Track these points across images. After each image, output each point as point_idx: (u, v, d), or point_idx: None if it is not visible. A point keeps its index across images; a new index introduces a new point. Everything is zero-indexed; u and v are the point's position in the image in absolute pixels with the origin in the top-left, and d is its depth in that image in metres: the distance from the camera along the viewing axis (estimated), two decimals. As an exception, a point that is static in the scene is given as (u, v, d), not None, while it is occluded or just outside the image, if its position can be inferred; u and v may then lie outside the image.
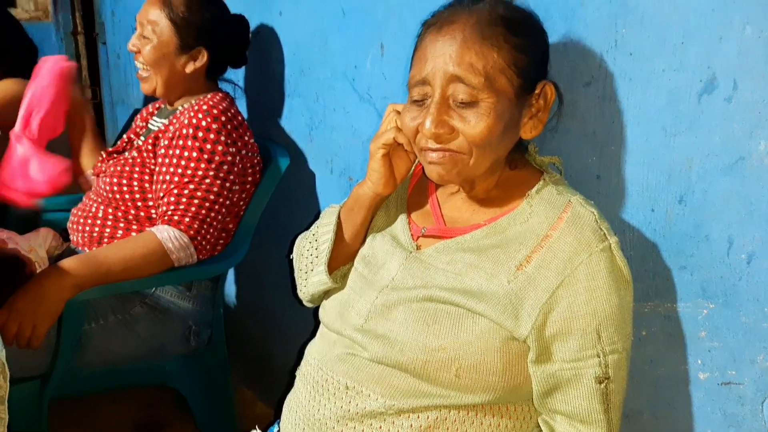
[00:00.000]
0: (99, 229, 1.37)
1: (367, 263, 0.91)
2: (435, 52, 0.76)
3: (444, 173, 0.79)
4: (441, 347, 0.77)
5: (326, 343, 0.90)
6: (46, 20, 3.41)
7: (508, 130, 0.78)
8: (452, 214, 0.88)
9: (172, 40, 1.36)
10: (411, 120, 0.80)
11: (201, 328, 1.44)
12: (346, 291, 0.91)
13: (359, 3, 1.30)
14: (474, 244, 0.81)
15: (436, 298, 0.80)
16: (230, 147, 1.33)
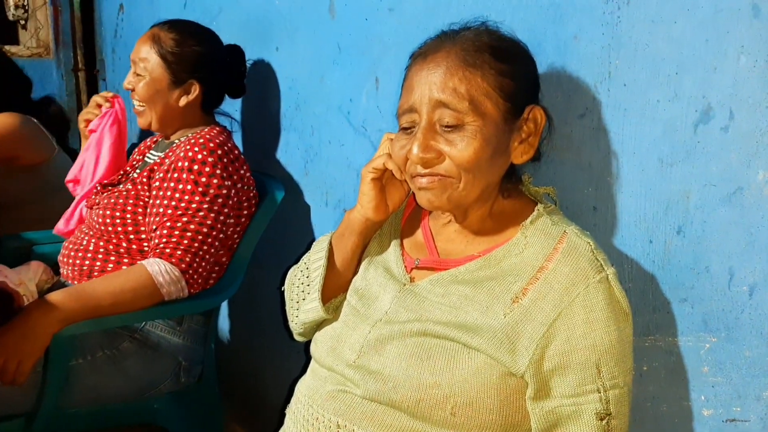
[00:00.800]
0: (89, 263, 1.34)
1: (361, 296, 0.89)
2: (420, 81, 0.77)
3: (434, 198, 0.78)
4: (435, 384, 0.75)
5: (317, 379, 0.88)
6: (47, 57, 3.45)
7: (497, 154, 0.77)
8: (446, 246, 0.86)
9: (163, 76, 1.38)
10: (400, 148, 0.80)
11: (192, 364, 1.40)
12: (339, 325, 0.89)
13: (355, 39, 1.31)
14: (469, 276, 0.80)
15: (430, 333, 0.77)
16: (225, 180, 1.32)
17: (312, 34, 1.43)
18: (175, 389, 1.39)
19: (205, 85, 1.41)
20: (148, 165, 1.43)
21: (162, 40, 1.38)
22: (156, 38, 1.38)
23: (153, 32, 1.41)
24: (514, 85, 0.77)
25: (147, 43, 1.39)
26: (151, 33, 1.40)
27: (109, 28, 2.72)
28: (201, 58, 1.40)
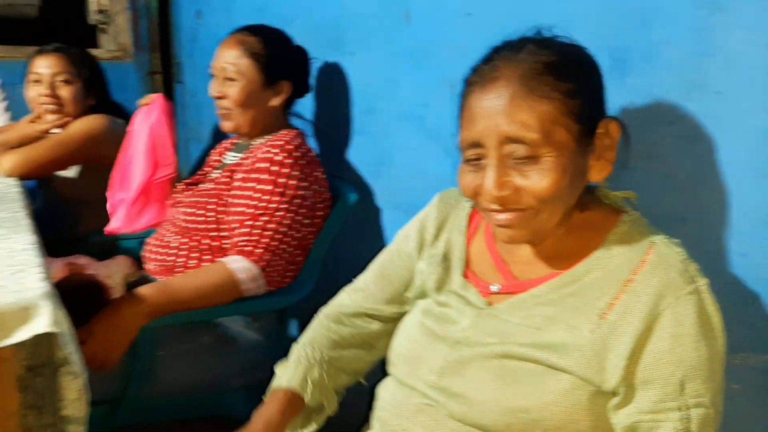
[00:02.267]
0: (173, 258, 1.41)
1: (437, 318, 0.86)
2: (483, 113, 0.73)
3: (515, 234, 0.76)
4: (524, 408, 0.73)
5: (402, 390, 0.87)
6: (126, 60, 3.63)
7: (576, 178, 0.75)
8: (523, 268, 0.83)
9: (257, 77, 1.41)
10: (468, 182, 0.77)
11: (266, 360, 1.44)
12: (414, 346, 0.87)
13: (430, 44, 1.32)
14: (550, 295, 0.77)
15: (514, 355, 0.75)
16: (302, 182, 1.36)
17: (386, 39, 1.46)
18: (250, 384, 1.44)
19: (294, 83, 1.45)
20: (228, 166, 1.49)
21: (249, 43, 1.41)
22: (242, 42, 1.42)
23: (236, 38, 1.44)
24: (584, 104, 0.74)
25: (234, 49, 1.42)
26: (235, 39, 1.44)
27: (187, 33, 2.83)
28: (288, 57, 1.45)
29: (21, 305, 0.79)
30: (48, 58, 1.89)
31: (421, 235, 0.94)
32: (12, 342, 0.78)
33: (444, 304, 0.87)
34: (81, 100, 1.92)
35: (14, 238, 1.06)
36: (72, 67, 1.90)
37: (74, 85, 1.88)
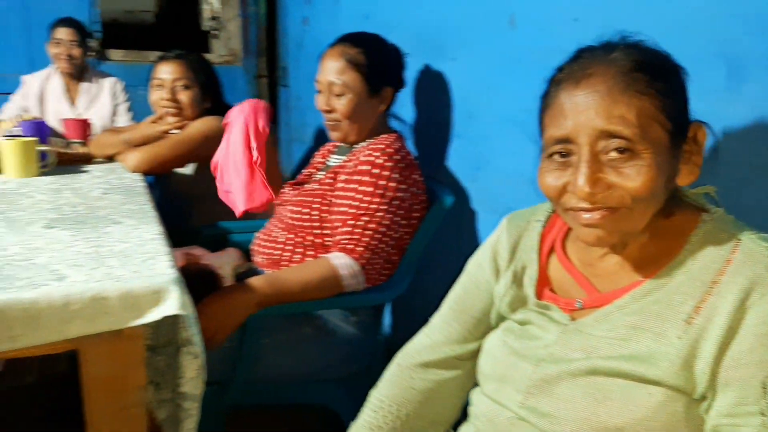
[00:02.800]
0: (279, 253, 1.50)
1: (518, 336, 0.85)
2: (576, 108, 0.71)
3: (603, 235, 0.73)
4: (617, 427, 0.71)
5: (494, 405, 0.86)
6: (236, 64, 3.84)
7: (669, 179, 0.73)
8: (604, 280, 0.81)
9: (363, 89, 1.45)
10: (553, 180, 0.75)
11: (361, 354, 1.51)
12: (497, 365, 0.87)
13: (535, 49, 1.32)
14: (635, 304, 0.75)
15: (601, 370, 0.74)
16: (401, 184, 1.41)
17: (489, 44, 1.47)
18: (346, 375, 1.50)
19: (395, 87, 1.50)
20: (332, 168, 1.55)
21: (352, 56, 1.45)
22: (345, 55, 1.46)
23: (339, 50, 1.47)
24: (675, 104, 0.72)
25: (338, 62, 1.45)
26: (338, 51, 1.47)
27: (293, 39, 2.96)
28: (388, 63, 1.49)
29: (153, 289, 0.88)
30: (169, 65, 2.04)
31: (495, 260, 0.93)
32: (145, 321, 0.88)
33: (525, 321, 0.85)
34: (198, 104, 2.07)
35: (144, 228, 1.17)
36: (190, 73, 2.04)
37: (192, 90, 2.03)
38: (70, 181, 1.65)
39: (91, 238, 1.08)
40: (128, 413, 0.94)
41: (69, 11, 3.19)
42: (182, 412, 0.99)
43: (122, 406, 0.94)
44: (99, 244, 1.05)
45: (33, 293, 0.82)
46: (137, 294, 0.87)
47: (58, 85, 2.81)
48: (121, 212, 1.29)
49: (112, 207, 1.34)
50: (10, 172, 1.66)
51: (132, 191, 1.54)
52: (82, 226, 1.15)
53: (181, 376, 0.98)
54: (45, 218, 1.21)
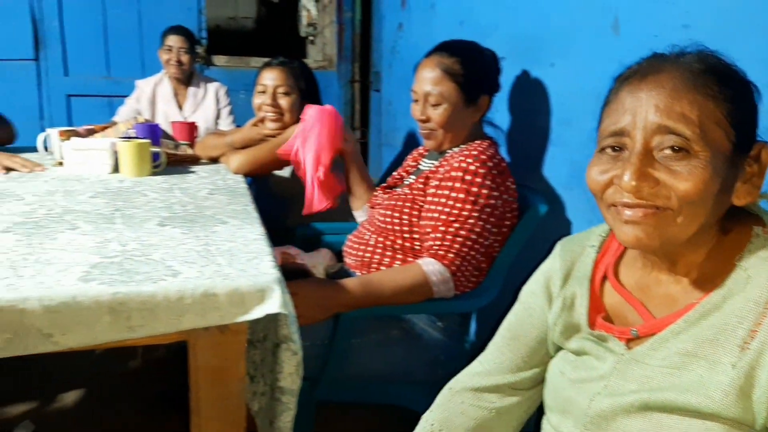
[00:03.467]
0: (370, 255, 1.53)
1: (574, 366, 0.83)
2: (637, 102, 0.69)
3: (643, 235, 0.69)
4: None
5: None
6: (330, 69, 3.95)
7: (723, 190, 0.68)
8: (660, 303, 0.76)
9: (459, 99, 1.47)
10: (600, 173, 0.72)
11: (447, 360, 1.51)
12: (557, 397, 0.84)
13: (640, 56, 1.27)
14: (688, 329, 0.70)
15: (654, 405, 0.69)
16: (493, 191, 1.40)
17: (591, 50, 1.43)
18: (430, 380, 1.51)
19: (490, 95, 1.50)
20: (423, 172, 1.57)
21: (449, 66, 1.46)
22: (441, 65, 1.46)
23: (435, 61, 1.48)
24: (742, 115, 0.68)
25: (435, 72, 1.46)
26: (434, 61, 1.48)
27: (387, 44, 3.00)
28: (484, 72, 1.49)
29: (258, 287, 0.93)
30: (273, 71, 2.13)
31: (548, 287, 0.90)
32: (250, 318, 0.93)
33: (580, 351, 0.82)
34: (297, 109, 2.14)
35: (247, 228, 1.24)
36: (291, 80, 2.12)
37: (291, 96, 2.11)
38: (179, 180, 1.76)
39: (200, 237, 1.15)
40: (230, 402, 1.00)
41: (179, 19, 3.40)
42: (280, 406, 1.04)
43: (225, 395, 0.99)
44: (207, 242, 1.11)
45: (151, 287, 0.88)
46: (243, 291, 0.92)
47: (168, 90, 3.01)
48: (227, 212, 1.37)
49: (218, 207, 1.42)
50: (126, 171, 1.79)
51: (235, 192, 1.62)
52: (192, 225, 1.23)
53: (280, 371, 1.02)
54: (158, 216, 1.30)
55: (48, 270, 0.93)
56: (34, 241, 1.08)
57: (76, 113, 3.55)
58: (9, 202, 1.39)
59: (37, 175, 1.78)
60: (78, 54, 3.51)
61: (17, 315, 0.83)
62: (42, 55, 3.47)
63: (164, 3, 3.55)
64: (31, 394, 2.04)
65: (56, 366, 2.22)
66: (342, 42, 3.90)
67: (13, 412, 1.94)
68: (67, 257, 0.99)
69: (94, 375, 2.20)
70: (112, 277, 0.91)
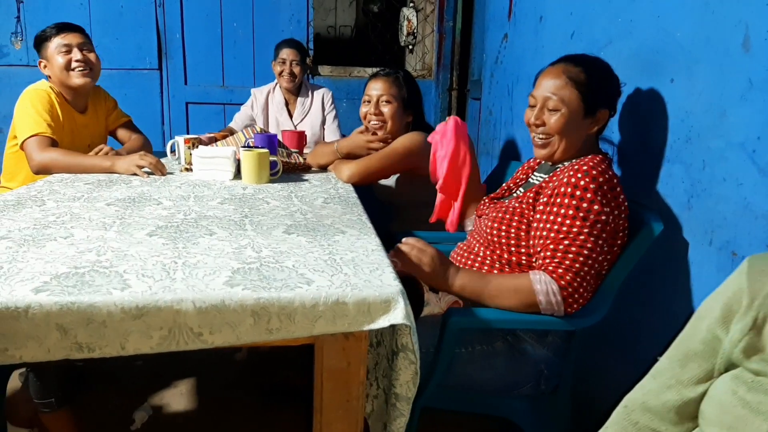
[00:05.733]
0: (478, 265, 1.56)
1: (750, 387, 0.80)
2: None
3: None
4: None
5: None
6: (429, 78, 4.00)
7: None
8: None
9: (580, 108, 1.47)
10: None
11: (551, 375, 1.51)
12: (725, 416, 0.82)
13: (765, 73, 1.23)
14: None
15: None
16: (605, 207, 1.38)
17: (717, 67, 1.39)
18: (533, 394, 1.52)
19: (612, 111, 1.49)
20: (533, 186, 1.57)
21: (573, 74, 1.47)
22: (566, 72, 1.47)
23: (560, 68, 1.49)
24: None
25: (559, 79, 1.47)
26: (559, 69, 1.49)
27: (491, 54, 3.01)
28: (608, 86, 1.48)
29: (383, 299, 0.98)
30: (377, 81, 2.21)
31: (729, 307, 0.87)
32: (375, 327, 0.98)
33: (760, 372, 0.80)
34: (398, 118, 2.21)
35: (365, 239, 1.30)
36: (394, 90, 2.19)
37: (392, 105, 2.17)
38: (295, 188, 1.87)
39: (324, 245, 1.22)
40: (351, 403, 1.06)
41: (289, 31, 3.59)
42: (394, 411, 1.09)
43: (347, 396, 1.06)
44: (332, 251, 1.19)
45: (290, 294, 0.96)
46: (370, 302, 0.98)
47: (280, 99, 3.17)
48: (343, 222, 1.44)
49: (335, 216, 1.50)
50: (247, 178, 1.92)
51: (348, 201, 1.70)
52: (314, 234, 1.31)
53: (396, 379, 1.07)
54: (283, 224, 1.39)
55: (197, 273, 1.03)
56: (179, 246, 1.19)
57: (192, 119, 3.82)
58: (149, 206, 1.54)
59: (168, 179, 1.95)
60: (197, 64, 3.77)
61: (173, 315, 0.93)
62: (165, 65, 3.75)
63: (276, 16, 3.74)
64: (148, 380, 2.23)
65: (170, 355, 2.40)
66: (441, 51, 3.94)
67: (133, 395, 2.12)
68: (211, 262, 1.10)
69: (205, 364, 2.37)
70: (254, 283, 0.99)
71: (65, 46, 2.14)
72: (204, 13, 3.72)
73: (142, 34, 3.68)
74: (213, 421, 2.00)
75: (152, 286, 0.96)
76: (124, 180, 1.91)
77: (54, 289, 0.93)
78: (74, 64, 2.15)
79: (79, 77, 2.16)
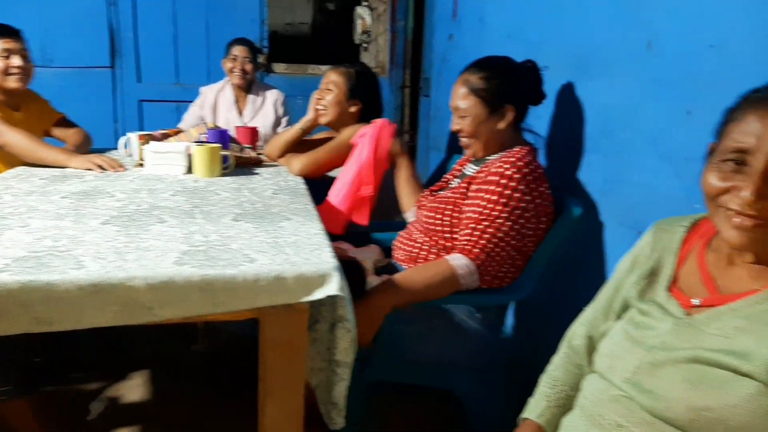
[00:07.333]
0: (417, 251, 1.68)
1: (637, 325, 0.98)
2: (765, 129, 0.81)
3: (746, 241, 0.83)
4: (707, 407, 0.81)
5: (602, 382, 0.99)
6: (382, 75, 4.11)
7: None
8: (728, 284, 0.90)
9: (482, 111, 1.62)
10: (720, 180, 0.85)
11: (485, 349, 1.64)
12: (615, 347, 1.00)
13: (671, 73, 1.38)
14: (746, 310, 0.85)
15: (702, 359, 0.84)
16: (526, 195, 1.52)
17: (628, 66, 1.54)
18: (472, 367, 1.65)
19: (516, 105, 1.63)
20: (467, 177, 1.70)
21: (472, 82, 1.63)
22: (467, 82, 1.64)
23: (463, 78, 1.66)
24: None
25: (461, 88, 1.65)
26: (462, 79, 1.66)
27: (438, 53, 3.14)
28: (506, 84, 1.62)
29: (320, 273, 1.09)
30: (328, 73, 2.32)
31: (636, 258, 1.06)
32: (313, 298, 1.09)
33: (645, 313, 0.98)
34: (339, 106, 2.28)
35: (309, 225, 1.40)
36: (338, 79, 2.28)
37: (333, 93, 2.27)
38: (246, 181, 1.95)
39: (269, 231, 1.32)
40: (293, 371, 1.16)
41: (243, 29, 3.64)
42: (335, 377, 1.20)
43: (289, 365, 1.16)
44: (276, 235, 1.28)
45: (234, 270, 1.06)
46: (308, 276, 1.08)
47: (230, 97, 3.20)
48: (290, 210, 1.54)
49: (283, 205, 1.60)
50: (199, 172, 2.00)
51: (297, 192, 1.80)
52: (261, 221, 1.41)
53: (336, 347, 1.18)
54: (232, 213, 1.49)
55: (148, 255, 1.12)
56: (132, 232, 1.27)
57: (147, 117, 3.84)
58: (103, 198, 1.61)
59: (122, 174, 2.01)
60: (150, 62, 3.79)
61: (126, 290, 1.02)
62: (118, 63, 3.76)
63: (230, 14, 3.79)
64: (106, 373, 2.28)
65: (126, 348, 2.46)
66: (394, 49, 4.06)
67: (89, 388, 2.17)
68: (161, 245, 1.18)
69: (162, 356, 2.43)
70: (201, 262, 1.09)
71: (6, 51, 2.20)
72: (157, 11, 3.74)
73: (94, 32, 3.68)
74: (168, 411, 2.07)
75: (106, 266, 1.05)
76: (78, 175, 1.97)
77: (14, 269, 1.01)
78: (13, 69, 2.20)
79: (16, 81, 2.22)
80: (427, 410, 1.96)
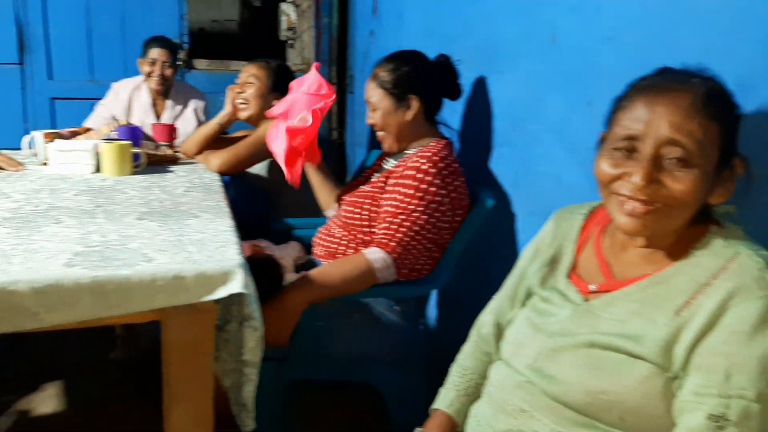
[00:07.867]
0: (335, 247, 1.67)
1: (539, 312, 1.01)
2: (653, 115, 0.83)
3: (639, 226, 0.85)
4: (603, 391, 0.84)
5: (507, 369, 1.02)
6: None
7: (705, 194, 0.85)
8: (623, 269, 0.94)
9: (388, 102, 1.65)
10: (612, 167, 0.87)
11: (404, 340, 1.65)
12: (518, 335, 1.03)
13: (573, 65, 1.42)
14: (639, 294, 0.88)
15: (598, 344, 0.87)
16: (441, 189, 1.54)
17: (533, 59, 1.57)
18: (391, 360, 1.65)
19: (422, 95, 1.64)
20: (385, 171, 1.71)
21: (379, 76, 1.66)
22: (375, 76, 1.68)
23: (373, 72, 1.69)
24: (731, 135, 0.84)
25: (371, 83, 1.69)
26: (372, 73, 1.69)
27: (360, 50, 3.14)
28: (412, 75, 1.64)
29: (222, 271, 1.06)
30: (249, 66, 2.28)
31: (537, 246, 1.10)
32: (215, 297, 1.05)
33: (546, 300, 1.01)
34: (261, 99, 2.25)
35: (218, 221, 1.36)
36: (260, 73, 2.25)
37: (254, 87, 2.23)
38: (158, 179, 1.88)
39: (174, 229, 1.27)
40: (199, 374, 1.13)
41: (161, 24, 3.51)
42: (243, 378, 1.17)
43: (195, 367, 1.12)
44: (181, 233, 1.24)
45: (128, 271, 1.01)
46: (209, 274, 1.04)
47: (146, 98, 2.98)
48: (200, 208, 1.49)
49: (193, 203, 1.54)
50: (107, 171, 1.91)
51: (210, 189, 1.75)
52: (167, 219, 1.36)
53: (243, 346, 1.15)
54: (137, 211, 1.42)
55: (36, 258, 1.05)
56: (22, 234, 1.20)
57: (60, 116, 3.65)
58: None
59: (24, 174, 1.89)
60: (62, 58, 3.60)
61: (8, 296, 0.95)
62: (27, 60, 3.56)
63: (147, 9, 3.65)
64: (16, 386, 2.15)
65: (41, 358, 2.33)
66: (320, 46, 4.03)
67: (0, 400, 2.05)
68: (53, 247, 1.12)
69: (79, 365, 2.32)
70: (93, 263, 1.03)
71: None
72: (69, 4, 3.56)
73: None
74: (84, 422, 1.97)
75: (-14, 270, 0.98)
76: (-26, 176, 1.84)
77: None
78: None
79: None
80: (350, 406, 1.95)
